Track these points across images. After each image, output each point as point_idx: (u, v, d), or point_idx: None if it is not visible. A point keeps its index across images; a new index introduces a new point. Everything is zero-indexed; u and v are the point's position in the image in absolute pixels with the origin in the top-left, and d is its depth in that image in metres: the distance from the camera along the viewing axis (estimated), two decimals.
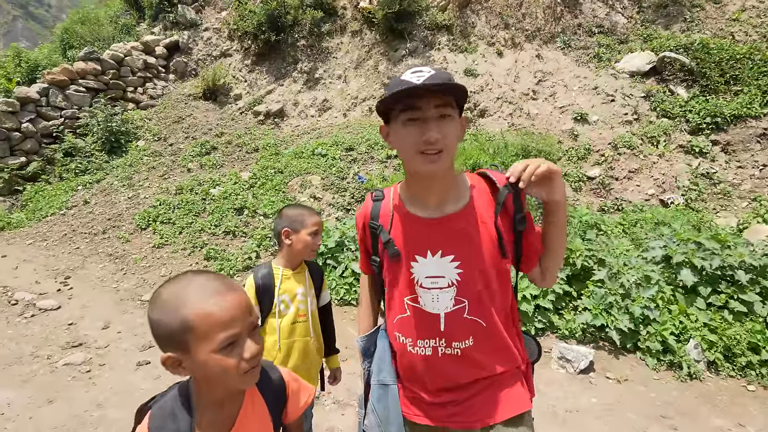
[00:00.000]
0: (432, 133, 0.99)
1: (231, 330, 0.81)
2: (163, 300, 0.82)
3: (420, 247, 1.14)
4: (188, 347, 0.80)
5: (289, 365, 1.75)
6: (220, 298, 0.81)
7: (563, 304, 3.85)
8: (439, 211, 1.13)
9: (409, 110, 1.02)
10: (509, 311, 1.21)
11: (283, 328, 1.75)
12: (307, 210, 1.80)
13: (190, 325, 0.79)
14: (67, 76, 7.59)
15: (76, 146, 7.24)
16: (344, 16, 9.01)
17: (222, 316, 0.80)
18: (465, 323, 1.13)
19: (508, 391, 1.17)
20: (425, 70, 1.01)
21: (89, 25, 9.67)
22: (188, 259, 5.17)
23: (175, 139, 7.68)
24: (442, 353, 1.14)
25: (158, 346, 0.83)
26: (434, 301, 1.13)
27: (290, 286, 1.77)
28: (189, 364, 0.82)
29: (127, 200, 6.33)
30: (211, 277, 0.85)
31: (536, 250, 1.18)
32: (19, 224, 6.07)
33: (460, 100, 1.06)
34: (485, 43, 8.26)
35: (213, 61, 9.32)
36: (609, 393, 3.01)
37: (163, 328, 0.81)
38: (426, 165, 1.03)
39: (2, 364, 3.25)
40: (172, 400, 0.91)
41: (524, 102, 7.48)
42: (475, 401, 1.15)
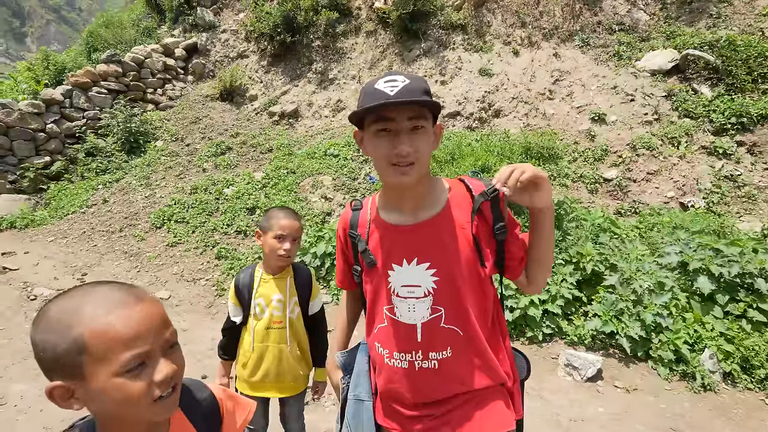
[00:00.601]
0: (404, 147, 0.98)
1: (137, 348, 0.67)
2: (51, 317, 0.67)
3: (396, 256, 1.12)
4: (82, 372, 0.66)
5: (262, 369, 1.77)
6: (125, 311, 0.68)
7: (573, 310, 3.76)
8: (413, 218, 1.12)
9: (381, 121, 1.00)
10: (493, 323, 1.17)
11: (257, 332, 1.76)
12: (285, 213, 1.74)
13: (84, 344, 0.65)
14: (90, 78, 7.83)
15: (97, 146, 7.46)
16: (359, 16, 9.02)
17: (125, 331, 0.67)
18: (442, 332, 1.10)
19: (490, 407, 1.12)
20: (399, 79, 0.99)
21: (113, 29, 9.96)
22: (200, 258, 5.26)
23: (192, 139, 7.83)
24: (419, 367, 1.12)
25: (44, 374, 0.68)
26: (410, 311, 1.11)
27: (266, 291, 1.76)
28: (83, 395, 0.68)
29: (144, 199, 6.48)
30: (115, 287, 0.72)
31: (518, 258, 1.14)
32: (42, 222, 6.29)
33: (435, 110, 1.04)
34: (501, 42, 8.14)
35: (230, 63, 9.46)
36: (617, 402, 2.92)
37: (49, 351, 0.66)
38: (397, 177, 1.02)
39: (18, 358, 3.37)
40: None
41: (540, 102, 7.34)
42: (453, 416, 1.11)
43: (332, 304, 4.23)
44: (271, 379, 1.78)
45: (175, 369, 0.72)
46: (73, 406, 0.69)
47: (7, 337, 3.62)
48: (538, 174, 0.99)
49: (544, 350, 3.52)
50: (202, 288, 4.73)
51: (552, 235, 1.10)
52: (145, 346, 0.68)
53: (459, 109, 7.49)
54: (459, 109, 7.48)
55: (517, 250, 1.13)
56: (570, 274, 3.78)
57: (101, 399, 0.68)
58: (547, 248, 1.10)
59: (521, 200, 1.03)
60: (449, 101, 7.57)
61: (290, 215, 1.74)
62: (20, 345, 3.51)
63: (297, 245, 1.76)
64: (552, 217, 1.08)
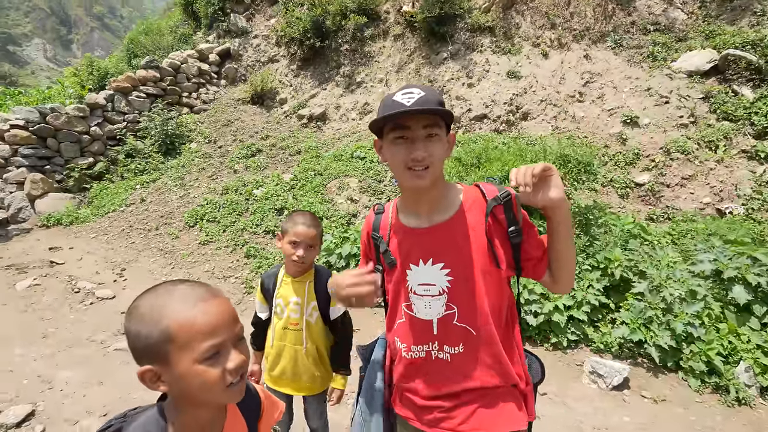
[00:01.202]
0: (419, 152, 1.06)
1: (214, 339, 0.77)
2: (142, 311, 0.77)
3: (413, 256, 1.19)
4: (168, 359, 0.75)
5: (279, 366, 1.84)
6: (204, 306, 0.78)
7: (599, 317, 3.69)
8: (428, 221, 1.19)
9: (398, 129, 1.08)
10: (507, 325, 1.21)
11: (276, 331, 1.84)
12: (303, 219, 1.75)
13: (170, 335, 0.74)
14: (130, 83, 8.23)
15: (136, 148, 7.84)
16: (387, 20, 9.11)
17: (205, 324, 0.76)
18: (455, 330, 1.16)
19: (500, 406, 1.16)
20: (415, 91, 1.07)
21: (152, 36, 10.44)
22: (230, 256, 5.45)
23: (224, 141, 8.11)
24: (435, 356, 1.18)
25: (135, 361, 0.78)
26: (426, 308, 1.18)
27: (285, 293, 1.82)
28: (169, 378, 0.77)
29: (178, 199, 6.77)
30: (194, 285, 0.81)
31: (536, 258, 1.17)
32: (86, 219, 6.66)
33: (448, 119, 1.11)
34: (530, 44, 8.04)
35: (261, 67, 9.74)
36: (644, 412, 2.85)
37: (143, 340, 0.76)
38: (413, 180, 1.10)
39: (64, 346, 3.60)
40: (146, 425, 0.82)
41: (570, 104, 7.21)
42: (462, 410, 1.16)
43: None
44: (288, 377, 1.85)
45: (244, 359, 0.81)
46: (159, 388, 0.78)
47: (54, 327, 3.88)
48: (548, 166, 1.04)
49: (568, 357, 3.48)
50: (232, 285, 4.90)
51: (570, 233, 1.12)
52: (221, 337, 0.78)
53: (486, 111, 7.44)
54: (486, 112, 7.44)
55: (534, 250, 1.17)
56: (597, 280, 3.71)
57: (183, 383, 0.77)
58: (565, 246, 1.13)
59: (534, 201, 1.06)
60: (476, 104, 7.54)
61: (308, 222, 1.74)
62: (66, 334, 3.76)
63: (314, 250, 1.76)
64: (567, 214, 1.10)
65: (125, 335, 0.79)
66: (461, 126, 7.55)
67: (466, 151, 4.99)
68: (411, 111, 1.03)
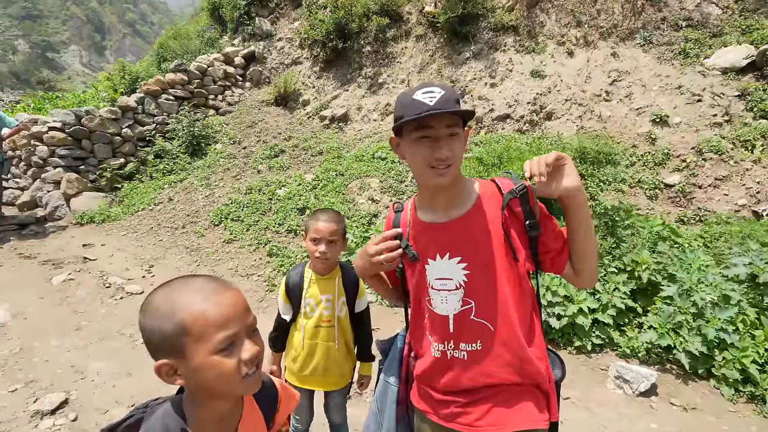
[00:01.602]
0: (443, 151, 1.08)
1: (228, 330, 0.77)
2: (156, 306, 0.78)
3: (431, 251, 1.20)
4: (184, 351, 0.76)
5: (312, 364, 1.86)
6: (216, 298, 0.78)
7: (625, 321, 3.59)
8: (446, 216, 1.19)
9: (421, 129, 1.09)
10: (527, 322, 1.19)
11: (307, 330, 1.85)
12: (324, 216, 1.78)
13: (185, 327, 0.75)
14: (160, 87, 8.51)
15: (164, 149, 8.09)
16: (409, 21, 9.11)
17: (218, 315, 0.77)
18: (472, 325, 1.15)
19: (518, 404, 1.15)
20: (436, 90, 1.07)
21: (180, 40, 10.76)
22: (253, 255, 5.55)
23: (248, 142, 8.27)
24: (451, 356, 1.18)
25: (150, 355, 0.79)
26: (443, 302, 1.18)
27: (316, 292, 1.84)
28: (185, 371, 0.78)
29: (204, 198, 6.94)
30: (206, 279, 0.82)
31: (555, 250, 1.16)
32: (117, 217, 6.92)
33: (468, 118, 1.12)
34: (555, 42, 7.89)
35: (285, 69, 9.89)
36: (672, 420, 2.75)
37: (158, 334, 0.77)
38: (435, 178, 1.11)
39: (95, 338, 3.74)
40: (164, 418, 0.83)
41: (596, 104, 7.04)
42: (479, 406, 1.16)
43: (376, 304, 4.32)
44: (320, 373, 1.87)
45: (258, 349, 0.82)
46: (176, 382, 0.79)
47: (86, 320, 4.04)
48: (561, 155, 1.05)
49: (592, 361, 3.39)
50: (255, 283, 4.99)
51: (588, 222, 1.11)
52: (235, 328, 0.78)
53: (509, 111, 7.35)
54: (509, 112, 7.35)
55: (553, 242, 1.16)
56: (623, 283, 3.61)
57: (199, 375, 0.77)
58: (585, 236, 1.11)
59: (549, 191, 1.06)
60: (498, 104, 7.46)
61: (327, 218, 1.77)
62: (97, 327, 3.91)
63: (337, 246, 1.78)
64: (584, 203, 1.09)
65: (141, 330, 0.79)
66: (483, 126, 7.48)
67: (487, 151, 4.94)
68: (438, 113, 1.04)
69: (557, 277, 3.73)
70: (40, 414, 2.75)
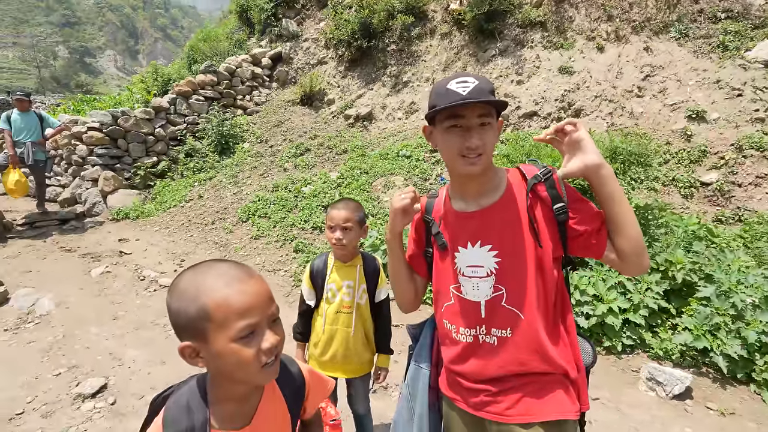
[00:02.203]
0: (474, 140, 1.09)
1: (250, 318, 0.78)
2: (182, 288, 0.80)
3: (461, 239, 1.21)
4: (206, 336, 0.77)
5: (331, 350, 1.90)
6: (240, 286, 0.79)
7: (658, 322, 3.47)
8: (476, 205, 1.20)
9: (453, 118, 1.11)
10: (556, 308, 1.18)
11: (329, 315, 1.90)
12: (338, 204, 1.85)
13: (208, 313, 0.76)
14: (191, 88, 8.77)
15: (194, 148, 8.34)
16: (434, 19, 9.08)
17: (241, 303, 0.77)
18: (503, 312, 1.15)
19: (548, 394, 1.14)
20: (470, 80, 1.08)
21: (209, 42, 11.05)
22: (279, 251, 5.66)
23: (275, 141, 8.43)
24: (483, 340, 1.18)
25: (176, 335, 0.81)
26: (474, 289, 1.18)
27: (338, 277, 1.90)
28: (206, 355, 0.80)
29: (232, 196, 7.12)
30: (232, 266, 0.83)
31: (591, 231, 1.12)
32: (150, 214, 7.17)
33: (501, 108, 1.13)
34: (584, 37, 7.71)
35: (310, 69, 10.03)
36: (708, 424, 2.65)
37: (183, 317, 0.78)
38: (467, 167, 1.12)
39: (131, 328, 3.90)
40: (188, 393, 0.88)
41: (627, 100, 6.84)
42: (509, 396, 1.16)
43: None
44: (339, 360, 1.91)
45: (278, 339, 0.83)
46: (198, 364, 0.81)
47: (123, 310, 4.21)
48: (572, 120, 1.09)
49: (623, 362, 3.30)
50: (281, 278, 5.08)
51: (622, 196, 1.07)
52: (256, 317, 0.79)
53: (536, 109, 7.23)
54: (536, 109, 7.23)
55: (587, 223, 1.12)
56: (656, 283, 3.50)
57: (219, 360, 0.79)
58: (620, 209, 1.07)
59: (572, 171, 1.09)
60: (525, 101, 7.35)
61: (340, 206, 1.84)
62: (133, 317, 4.07)
63: (352, 232, 1.83)
64: (611, 176, 1.07)
65: (167, 311, 0.81)
66: (510, 124, 7.37)
67: (515, 148, 4.87)
68: (471, 102, 1.05)
69: (585, 275, 3.65)
70: (81, 397, 2.89)
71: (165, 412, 0.86)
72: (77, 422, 2.67)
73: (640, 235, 1.07)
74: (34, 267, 5.23)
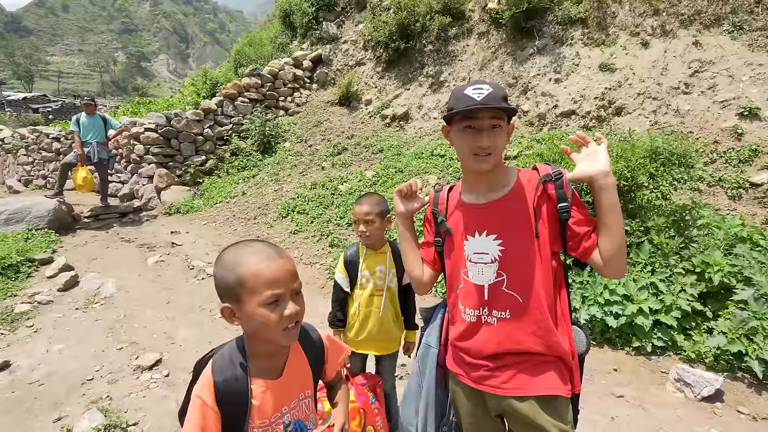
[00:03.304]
0: (485, 141, 1.23)
1: (275, 289, 0.96)
2: (225, 260, 1.00)
3: (470, 228, 1.35)
4: (240, 299, 0.96)
5: (366, 330, 2.10)
6: (270, 262, 0.97)
7: (692, 324, 3.41)
8: (485, 198, 1.34)
9: (467, 120, 1.25)
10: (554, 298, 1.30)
11: (363, 299, 2.10)
12: (361, 200, 2.05)
13: (242, 280, 0.95)
14: (236, 90, 9.28)
15: (239, 147, 8.83)
16: (471, 18, 9.09)
17: (269, 275, 0.95)
18: (504, 296, 1.29)
19: (542, 372, 1.27)
20: (485, 87, 1.22)
21: (254, 47, 11.59)
22: (316, 245, 5.94)
23: (314, 141, 8.77)
24: (485, 321, 1.32)
25: (219, 298, 1.01)
26: (479, 274, 1.32)
27: (371, 264, 2.10)
28: (240, 315, 0.98)
29: (273, 192, 7.50)
30: (266, 245, 1.02)
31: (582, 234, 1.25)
32: (198, 209, 7.70)
33: (511, 114, 1.26)
34: (627, 33, 7.48)
35: (349, 70, 10.30)
36: (738, 428, 2.62)
37: (223, 282, 0.98)
38: (477, 164, 1.27)
39: (182, 311, 4.28)
40: (230, 351, 1.07)
41: (673, 97, 6.59)
42: (506, 371, 1.29)
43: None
44: (373, 338, 2.12)
45: (298, 309, 1.01)
46: (234, 323, 1.01)
47: (175, 296, 4.62)
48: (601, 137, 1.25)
49: (652, 363, 3.27)
50: (317, 271, 5.35)
51: (617, 205, 1.19)
52: (281, 288, 0.97)
53: (574, 107, 7.11)
54: (574, 108, 7.11)
55: (581, 226, 1.25)
56: (691, 285, 3.43)
57: (250, 321, 0.98)
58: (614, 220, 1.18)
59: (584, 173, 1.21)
60: (563, 99, 7.24)
61: (364, 201, 2.04)
62: (183, 302, 4.46)
63: (375, 224, 2.02)
64: (614, 186, 1.19)
65: (213, 277, 1.01)
66: (546, 123, 7.30)
67: (548, 148, 4.86)
68: (481, 107, 1.19)
69: None
70: (140, 368, 3.25)
71: (212, 364, 1.05)
72: (137, 389, 3.02)
73: (624, 243, 1.20)
74: (99, 255, 5.80)
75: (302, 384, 1.17)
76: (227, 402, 1.01)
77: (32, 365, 3.34)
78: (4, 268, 4.94)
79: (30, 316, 4.12)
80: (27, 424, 2.70)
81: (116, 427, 2.60)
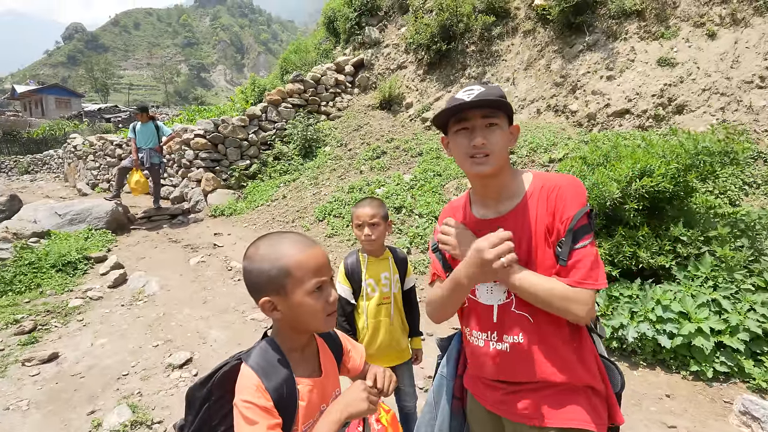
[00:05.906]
0: (478, 139, 1.11)
1: (320, 276, 0.97)
2: (263, 253, 0.97)
3: None
4: (286, 290, 0.95)
5: (377, 342, 1.96)
6: (311, 251, 0.98)
7: (764, 349, 2.98)
8: (495, 212, 1.21)
9: (459, 122, 1.15)
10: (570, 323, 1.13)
11: (370, 310, 1.97)
12: (363, 202, 1.95)
13: (289, 271, 0.94)
14: (280, 96, 9.52)
15: (281, 152, 9.04)
16: (516, 16, 8.76)
17: (314, 264, 0.97)
18: (514, 317, 1.15)
19: (567, 401, 1.11)
20: (476, 88, 1.12)
21: (300, 54, 11.90)
22: (351, 248, 5.89)
23: (353, 144, 8.79)
24: (493, 347, 1.18)
25: (251, 295, 0.98)
26: (488, 293, 1.20)
27: (375, 272, 1.97)
28: (283, 307, 0.97)
29: (311, 196, 7.59)
30: (298, 235, 1.02)
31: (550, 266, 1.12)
32: (241, 211, 7.95)
33: (506, 111, 1.14)
34: (690, 24, 6.85)
35: (390, 74, 10.27)
36: None
37: (264, 276, 0.95)
38: (474, 167, 1.14)
39: (217, 311, 4.39)
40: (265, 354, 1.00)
41: (744, 92, 5.94)
42: (525, 396, 1.15)
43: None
44: (384, 349, 1.99)
45: (338, 295, 1.04)
46: (274, 315, 0.99)
47: (211, 295, 4.75)
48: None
49: (713, 390, 2.89)
50: None
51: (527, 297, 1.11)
52: (324, 276, 0.98)
53: (629, 106, 6.61)
54: (629, 107, 6.61)
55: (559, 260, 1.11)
56: (762, 304, 3.01)
57: (296, 310, 0.97)
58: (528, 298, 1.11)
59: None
60: (616, 98, 6.76)
61: (366, 204, 1.94)
62: (219, 302, 4.57)
63: (380, 227, 1.92)
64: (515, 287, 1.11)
65: (245, 275, 0.99)
66: (597, 123, 6.84)
67: (591, 150, 4.49)
68: (467, 104, 1.08)
69: (670, 289, 3.27)
70: (172, 366, 3.34)
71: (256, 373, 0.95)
72: (166, 387, 3.09)
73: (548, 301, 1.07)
74: (147, 254, 6.12)
75: (334, 382, 1.15)
76: (282, 406, 0.96)
77: (77, 357, 3.54)
78: (64, 264, 5.33)
79: (81, 311, 4.39)
80: (64, 414, 2.84)
81: (142, 424, 2.67)
